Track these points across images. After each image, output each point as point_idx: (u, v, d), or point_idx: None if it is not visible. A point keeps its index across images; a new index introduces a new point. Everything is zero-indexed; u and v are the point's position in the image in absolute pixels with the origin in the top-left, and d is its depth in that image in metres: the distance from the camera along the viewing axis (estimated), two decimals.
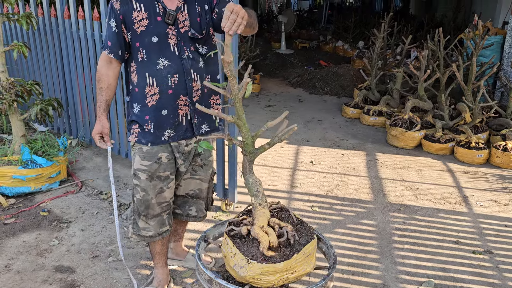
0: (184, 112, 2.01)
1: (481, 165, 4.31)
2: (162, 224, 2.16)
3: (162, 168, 2.05)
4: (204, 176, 2.23)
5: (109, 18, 1.91)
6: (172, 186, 2.11)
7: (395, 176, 4.00)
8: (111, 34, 1.92)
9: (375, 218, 3.23)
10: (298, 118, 5.79)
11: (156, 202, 2.09)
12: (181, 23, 1.94)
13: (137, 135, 2.04)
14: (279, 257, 1.53)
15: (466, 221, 3.23)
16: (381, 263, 2.68)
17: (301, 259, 1.53)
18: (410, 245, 2.89)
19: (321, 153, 4.51)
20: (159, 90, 1.94)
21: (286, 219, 1.72)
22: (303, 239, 1.59)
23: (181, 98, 1.97)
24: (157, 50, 1.91)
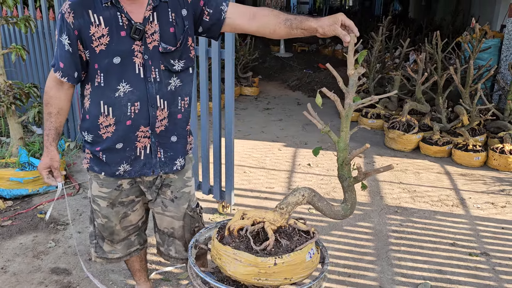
0: (143, 145, 1.71)
1: (479, 168, 4.31)
2: (130, 245, 2.00)
3: (125, 193, 1.82)
4: (175, 212, 1.88)
5: (59, 33, 1.56)
6: (139, 207, 1.91)
7: (393, 178, 4.01)
8: (64, 54, 1.57)
9: (372, 220, 3.23)
10: (296, 121, 5.80)
11: (121, 227, 1.91)
12: (150, 37, 1.59)
13: (89, 161, 1.77)
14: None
15: (463, 223, 3.23)
16: (378, 265, 2.68)
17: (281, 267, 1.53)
18: (406, 247, 2.89)
19: (319, 156, 4.51)
20: (115, 121, 1.63)
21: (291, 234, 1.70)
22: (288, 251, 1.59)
23: (141, 129, 1.67)
24: (118, 73, 1.59)
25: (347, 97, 1.57)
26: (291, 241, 1.65)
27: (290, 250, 1.60)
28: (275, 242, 1.63)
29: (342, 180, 1.69)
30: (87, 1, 1.55)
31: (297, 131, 5.34)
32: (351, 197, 1.71)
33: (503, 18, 6.76)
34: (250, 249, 1.59)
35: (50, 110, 1.69)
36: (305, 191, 1.68)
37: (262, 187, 3.72)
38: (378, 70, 6.17)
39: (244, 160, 4.27)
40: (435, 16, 12.65)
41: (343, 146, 1.65)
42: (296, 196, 1.67)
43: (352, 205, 1.73)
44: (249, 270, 1.54)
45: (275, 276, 1.55)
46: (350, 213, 1.74)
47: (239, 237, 1.65)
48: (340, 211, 1.72)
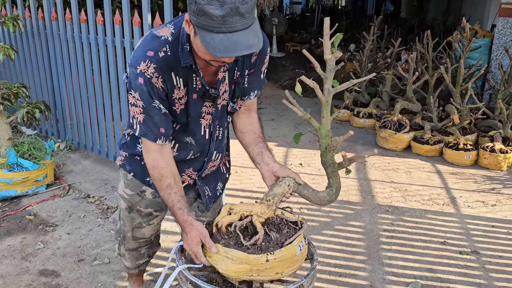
0: (186, 180, 1.77)
1: (469, 166, 4.33)
2: (139, 257, 1.99)
3: (144, 203, 1.78)
4: (211, 216, 1.88)
5: (148, 98, 1.43)
6: (155, 223, 1.87)
7: (384, 177, 4.01)
8: (163, 118, 1.48)
9: (363, 219, 3.23)
10: (288, 120, 5.79)
11: (131, 236, 1.88)
12: (220, 97, 1.57)
13: (124, 159, 1.76)
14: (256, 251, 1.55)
15: (454, 221, 3.24)
16: (368, 264, 2.68)
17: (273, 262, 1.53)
18: (397, 246, 2.89)
19: (311, 155, 4.51)
20: (176, 155, 1.67)
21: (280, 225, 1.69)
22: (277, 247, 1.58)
23: (189, 171, 1.74)
24: (187, 130, 1.61)
25: (325, 83, 1.56)
26: (281, 233, 1.64)
27: (280, 244, 1.59)
28: (264, 235, 1.62)
29: (326, 166, 1.68)
30: (170, 62, 1.42)
31: (289, 131, 5.33)
32: (335, 182, 1.71)
33: (494, 18, 6.80)
34: (240, 245, 1.57)
35: (168, 182, 1.52)
36: (291, 181, 1.67)
37: (254, 187, 3.71)
38: (370, 70, 6.19)
39: (235, 160, 4.23)
40: (426, 16, 12.72)
41: (324, 132, 1.64)
42: (282, 186, 1.66)
43: (337, 190, 1.73)
44: (241, 268, 1.52)
45: (267, 272, 1.54)
46: (335, 198, 1.74)
47: (228, 234, 1.63)
48: (326, 197, 1.71)
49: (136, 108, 1.46)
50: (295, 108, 1.64)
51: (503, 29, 5.66)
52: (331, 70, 1.54)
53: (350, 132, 1.56)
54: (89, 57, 3.76)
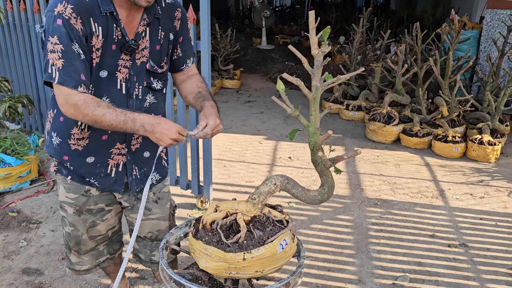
0: (115, 162, 1.64)
1: (458, 159, 4.33)
2: (99, 255, 1.87)
3: (93, 200, 1.70)
4: (161, 213, 1.80)
5: (68, 41, 1.35)
6: (109, 217, 1.79)
7: (373, 170, 4.00)
8: (81, 64, 1.40)
9: (352, 213, 3.21)
10: (277, 113, 5.75)
11: (88, 237, 1.77)
12: (139, 53, 1.54)
13: (58, 164, 1.68)
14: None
15: (442, 214, 3.23)
16: (357, 259, 2.67)
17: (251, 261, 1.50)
18: (386, 239, 2.88)
19: (300, 149, 4.48)
20: (89, 135, 1.56)
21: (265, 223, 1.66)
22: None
23: (117, 145, 1.62)
24: (103, 87, 1.51)
25: (313, 79, 1.52)
26: (264, 231, 1.61)
27: (262, 242, 1.56)
28: (248, 233, 1.59)
29: (316, 165, 1.65)
30: (88, 7, 1.40)
31: (278, 124, 5.30)
32: (327, 181, 1.68)
33: (482, 10, 6.80)
34: (222, 242, 1.55)
35: (107, 104, 1.44)
36: (277, 180, 1.64)
37: (242, 181, 3.67)
38: (359, 62, 6.16)
39: (224, 154, 4.21)
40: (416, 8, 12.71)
41: (312, 130, 1.60)
42: (268, 185, 1.63)
43: (329, 189, 1.70)
44: (219, 265, 1.51)
45: (245, 270, 1.52)
46: (327, 197, 1.71)
47: (212, 231, 1.60)
48: (317, 196, 1.69)
49: (54, 54, 1.37)
50: (284, 105, 1.60)
51: (492, 21, 5.65)
52: (319, 65, 1.50)
53: (329, 132, 1.52)
54: None
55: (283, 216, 1.67)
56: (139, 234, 1.85)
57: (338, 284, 2.44)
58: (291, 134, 1.75)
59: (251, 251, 1.51)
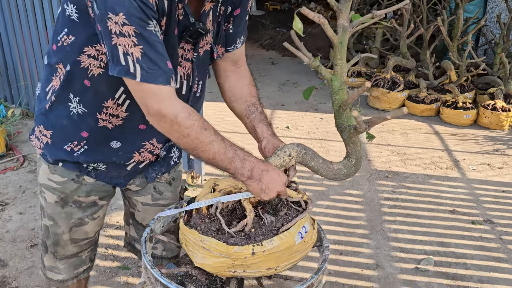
0: (141, 159, 1.28)
1: (469, 127, 4.01)
2: (79, 265, 1.43)
3: (85, 190, 1.28)
4: (172, 198, 1.46)
5: (144, 16, 0.94)
6: (101, 215, 1.38)
7: (379, 140, 3.66)
8: (163, 48, 1.01)
9: (361, 187, 2.87)
10: (271, 81, 5.34)
11: (69, 238, 1.34)
12: (203, 39, 1.17)
13: (44, 146, 1.24)
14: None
15: (461, 187, 2.92)
16: (372, 239, 2.34)
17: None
18: (402, 217, 2.56)
19: (298, 118, 4.11)
20: (127, 116, 1.17)
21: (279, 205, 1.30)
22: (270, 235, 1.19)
23: (153, 141, 1.26)
24: None
25: (339, 17, 1.14)
26: (277, 216, 1.26)
27: (275, 230, 1.21)
28: (257, 219, 1.24)
29: (341, 130, 1.29)
30: None
31: (273, 92, 4.90)
32: (354, 151, 1.32)
33: None
34: (222, 231, 1.19)
35: (214, 130, 1.09)
36: (293, 150, 1.27)
37: None
38: None
39: (216, 124, 3.81)
40: None
41: (338, 85, 1.24)
42: (281, 156, 1.26)
43: (357, 161, 1.34)
44: (221, 262, 1.16)
45: (255, 267, 1.17)
46: (355, 171, 1.35)
47: (210, 217, 1.25)
48: (342, 170, 1.33)
49: (125, 38, 0.94)
50: (300, 53, 1.22)
51: None
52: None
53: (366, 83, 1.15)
54: (41, 10, 3.20)
55: (300, 195, 1.31)
56: (141, 221, 1.49)
57: (353, 270, 2.12)
58: (307, 93, 1.39)
59: (261, 242, 1.17)
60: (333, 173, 1.33)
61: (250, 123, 1.33)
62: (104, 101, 1.15)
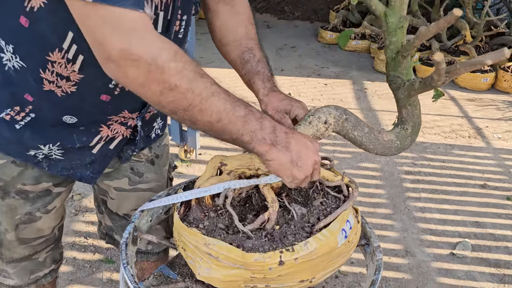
0: (110, 135, 0.93)
1: (486, 91, 3.68)
2: (38, 268, 1.09)
3: (32, 175, 0.92)
4: (157, 180, 1.12)
5: None
6: (58, 205, 1.02)
7: (391, 107, 3.31)
8: None
9: (377, 159, 2.54)
10: (268, 45, 4.92)
11: (16, 238, 0.99)
12: None
13: None
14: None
15: (488, 158, 2.60)
16: (397, 221, 2.02)
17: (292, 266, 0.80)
18: (427, 193, 2.24)
19: (300, 83, 3.74)
20: (82, 80, 0.81)
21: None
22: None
23: (123, 113, 0.91)
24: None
25: None
26: (310, 207, 0.92)
27: (308, 227, 0.87)
28: (281, 211, 0.90)
29: (396, 86, 0.94)
30: None
31: (270, 57, 4.42)
32: (411, 116, 0.98)
33: None
34: (234, 230, 0.85)
35: (206, 81, 0.70)
36: (330, 115, 0.92)
37: None
38: None
39: None
40: None
41: (396, 22, 0.89)
42: (314, 124, 0.91)
43: (414, 129, 1.00)
44: (235, 275, 0.83)
45: (283, 281, 0.84)
46: (410, 143, 1.01)
47: (216, 209, 0.91)
48: (394, 141, 0.98)
49: None
50: None
51: None
52: None
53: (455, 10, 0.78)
54: None
55: (339, 177, 0.97)
56: (116, 211, 1.15)
57: None
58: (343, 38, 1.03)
59: (293, 246, 0.81)
60: (383, 146, 0.98)
61: (246, 77, 0.98)
62: (48, 53, 0.76)
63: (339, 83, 3.76)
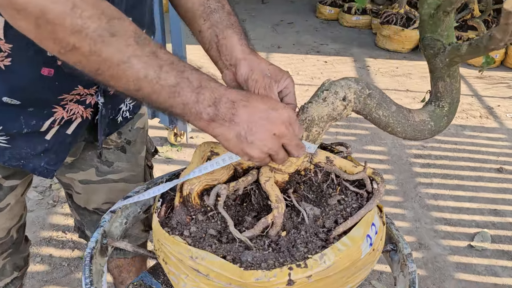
0: (66, 117, 0.75)
1: (495, 68, 3.48)
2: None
3: None
4: (131, 170, 0.96)
5: None
6: (12, 202, 0.84)
7: (396, 85, 3.11)
8: None
9: (383, 142, 2.35)
10: (263, 22, 4.67)
11: None
12: None
13: None
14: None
15: (502, 139, 2.42)
16: (408, 209, 1.84)
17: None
18: (439, 178, 2.06)
19: (298, 61, 3.52)
20: (12, 50, 0.64)
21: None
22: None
23: (78, 90, 0.73)
24: None
25: None
26: (325, 207, 0.73)
27: (323, 232, 0.68)
28: (289, 211, 0.71)
29: (434, 51, 0.76)
30: None
31: (266, 33, 4.25)
32: (450, 90, 0.79)
33: None
34: (229, 238, 0.66)
35: (120, 41, 0.54)
36: (349, 90, 0.75)
37: None
38: None
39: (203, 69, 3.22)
40: None
41: None
42: (330, 102, 0.74)
43: (452, 106, 0.82)
44: None
45: None
46: (446, 124, 0.82)
47: (205, 211, 0.71)
48: (428, 122, 0.80)
49: None
50: None
51: None
52: None
53: None
54: None
55: (360, 169, 0.78)
56: (85, 205, 0.98)
57: None
58: None
59: (305, 261, 0.62)
60: (413, 129, 0.79)
61: (211, 32, 0.74)
62: None
63: (339, 61, 3.54)
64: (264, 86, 0.68)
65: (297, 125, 0.64)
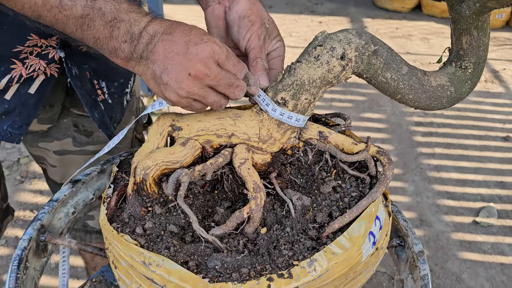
0: (25, 74, 0.66)
1: (501, 29, 3.30)
2: None
3: None
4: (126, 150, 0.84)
5: None
6: None
7: (396, 47, 2.91)
8: None
9: (382, 109, 2.19)
10: None
11: None
12: None
13: None
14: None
15: (508, 105, 2.27)
16: (408, 182, 1.70)
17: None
18: (442, 147, 1.91)
19: (291, 22, 3.31)
20: None
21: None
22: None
23: (32, 39, 0.64)
24: None
25: None
26: (317, 196, 0.57)
27: (314, 229, 0.52)
28: (271, 201, 0.55)
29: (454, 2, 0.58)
30: None
31: None
32: (476, 47, 0.64)
33: None
34: (194, 237, 0.51)
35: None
36: (349, 45, 0.61)
37: None
38: None
39: None
40: None
41: None
42: (324, 61, 0.59)
43: (477, 68, 0.66)
44: None
45: None
46: (469, 89, 0.69)
47: (164, 201, 0.55)
48: (447, 88, 0.65)
49: None
50: None
51: None
52: None
53: None
54: None
55: (361, 146, 0.61)
56: (61, 181, 0.88)
57: None
58: None
59: (290, 269, 0.47)
60: (429, 96, 0.64)
61: None
62: None
63: (335, 21, 3.33)
64: (259, 35, 0.59)
65: (232, 61, 0.53)
